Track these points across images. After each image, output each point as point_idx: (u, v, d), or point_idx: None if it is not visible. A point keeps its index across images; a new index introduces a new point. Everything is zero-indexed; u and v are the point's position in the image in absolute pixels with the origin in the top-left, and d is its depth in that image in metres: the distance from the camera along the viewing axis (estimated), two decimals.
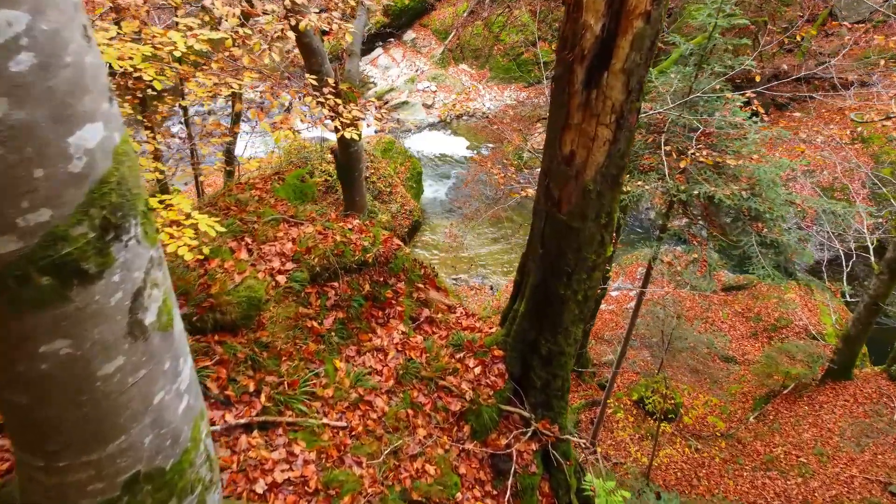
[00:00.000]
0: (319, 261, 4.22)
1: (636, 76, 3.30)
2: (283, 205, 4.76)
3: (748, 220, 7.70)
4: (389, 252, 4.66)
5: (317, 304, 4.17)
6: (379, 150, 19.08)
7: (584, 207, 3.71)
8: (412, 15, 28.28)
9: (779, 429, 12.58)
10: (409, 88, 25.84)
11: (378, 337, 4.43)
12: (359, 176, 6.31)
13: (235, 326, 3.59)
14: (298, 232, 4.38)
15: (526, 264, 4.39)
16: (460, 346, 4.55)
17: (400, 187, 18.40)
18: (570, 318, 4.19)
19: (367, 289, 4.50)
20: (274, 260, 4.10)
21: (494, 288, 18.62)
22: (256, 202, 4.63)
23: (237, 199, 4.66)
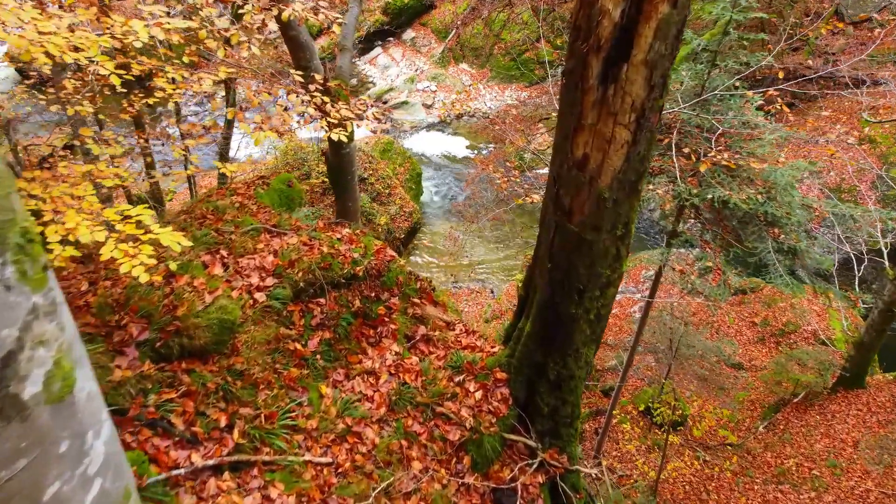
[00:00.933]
0: (304, 275, 3.82)
1: (660, 69, 2.90)
2: (265, 213, 4.35)
3: (764, 226, 7.29)
4: (382, 264, 4.25)
5: (300, 323, 3.76)
6: (378, 150, 18.68)
7: (599, 217, 3.30)
8: (412, 14, 27.91)
9: (790, 439, 12.17)
10: (408, 88, 25.46)
11: (369, 358, 4.03)
12: (351, 179, 5.90)
13: (206, 352, 3.18)
14: (281, 243, 3.97)
15: (532, 279, 3.98)
16: (460, 368, 4.15)
17: (399, 189, 18.01)
18: (582, 339, 3.78)
19: (358, 305, 4.09)
20: (252, 275, 3.69)
21: (495, 291, 18.26)
22: (236, 210, 4.22)
23: (215, 206, 4.25)
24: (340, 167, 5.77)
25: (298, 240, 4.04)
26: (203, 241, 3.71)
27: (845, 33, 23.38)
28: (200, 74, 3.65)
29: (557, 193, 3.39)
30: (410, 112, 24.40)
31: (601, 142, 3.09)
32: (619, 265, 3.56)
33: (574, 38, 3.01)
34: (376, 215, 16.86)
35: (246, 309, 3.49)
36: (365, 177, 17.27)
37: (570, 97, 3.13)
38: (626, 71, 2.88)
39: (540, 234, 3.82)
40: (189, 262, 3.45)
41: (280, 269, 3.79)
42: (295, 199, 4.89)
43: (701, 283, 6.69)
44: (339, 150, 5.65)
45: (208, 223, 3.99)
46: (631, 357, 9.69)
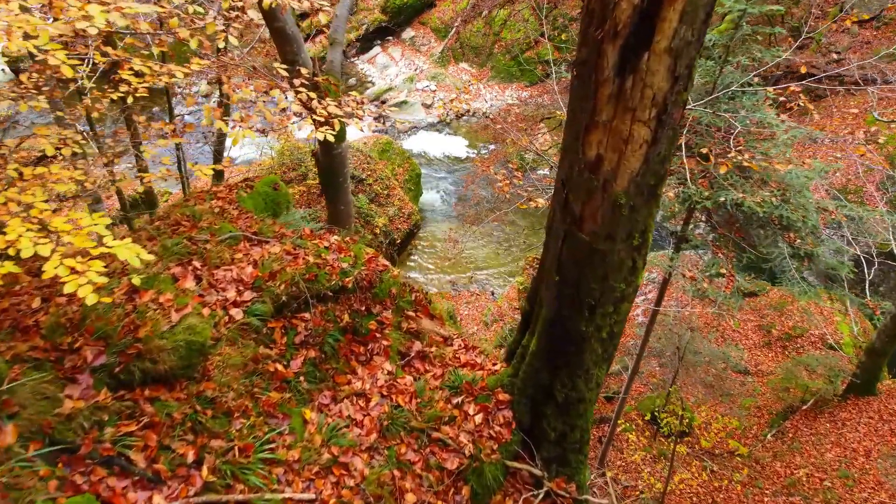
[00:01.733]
0: (286, 288, 3.47)
1: (685, 58, 2.54)
2: (247, 218, 4.00)
3: (779, 230, 6.93)
4: (374, 274, 3.90)
5: (282, 341, 3.41)
6: (376, 150, 18.35)
7: (613, 226, 2.95)
8: (411, 12, 27.59)
9: (799, 448, 11.82)
10: (407, 88, 25.14)
11: (358, 379, 3.67)
12: (343, 182, 5.55)
13: (172, 377, 2.83)
14: (262, 252, 3.62)
15: (537, 292, 3.63)
16: (458, 389, 3.79)
17: (398, 189, 17.68)
18: (593, 358, 3.43)
19: (346, 320, 3.74)
20: (229, 288, 3.34)
21: (496, 294, 17.93)
22: (214, 215, 3.87)
23: (192, 211, 3.90)
24: (331, 168, 5.41)
25: (281, 248, 3.69)
26: (174, 251, 3.36)
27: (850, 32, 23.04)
28: (170, 67, 3.31)
29: (566, 199, 3.04)
30: (410, 112, 24.10)
31: (617, 141, 2.73)
32: (634, 278, 3.21)
33: (587, 23, 2.66)
34: (374, 217, 16.54)
35: (220, 327, 3.14)
36: (363, 177, 16.96)
37: (581, 91, 2.78)
38: (647, 60, 2.52)
39: (546, 243, 3.47)
40: (156, 276, 3.10)
41: (260, 282, 3.44)
42: (281, 203, 4.53)
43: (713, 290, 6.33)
44: (330, 150, 5.30)
45: (182, 230, 3.63)
46: (636, 365, 9.35)
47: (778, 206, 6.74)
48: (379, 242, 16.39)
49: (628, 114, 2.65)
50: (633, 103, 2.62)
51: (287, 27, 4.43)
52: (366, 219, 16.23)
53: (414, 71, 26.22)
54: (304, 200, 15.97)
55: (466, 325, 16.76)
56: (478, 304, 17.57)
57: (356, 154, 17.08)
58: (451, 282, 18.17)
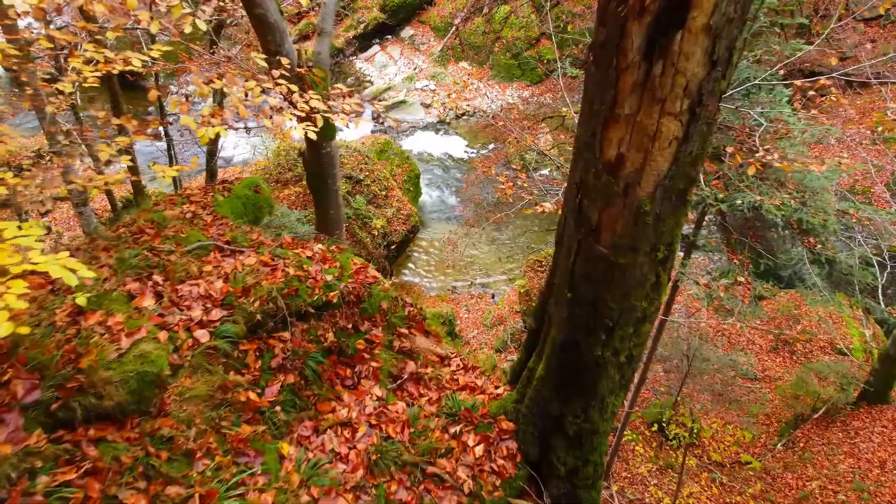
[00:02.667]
0: (262, 304, 3.06)
1: (726, 38, 2.14)
2: (221, 225, 3.60)
3: (798, 235, 6.53)
4: (362, 287, 3.49)
5: (256, 366, 3.00)
6: (374, 150, 17.97)
7: (636, 236, 2.54)
8: (410, 11, 27.25)
9: (811, 459, 11.41)
10: (407, 87, 24.77)
11: (344, 406, 3.27)
12: (333, 184, 5.14)
13: (121, 414, 2.42)
14: (235, 264, 3.21)
15: (545, 309, 3.22)
16: (456, 416, 3.38)
17: (396, 190, 17.30)
18: (609, 386, 3.02)
19: (331, 339, 3.33)
20: (194, 306, 2.93)
21: (496, 296, 17.57)
22: (183, 222, 3.46)
23: (161, 217, 3.49)
24: (320, 170, 5.01)
25: (258, 259, 3.28)
26: (131, 263, 2.96)
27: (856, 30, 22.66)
28: (126, 54, 2.91)
29: (580, 205, 2.63)
30: (409, 111, 23.76)
31: (642, 138, 2.32)
32: (657, 296, 2.80)
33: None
34: (372, 218, 16.17)
35: (182, 351, 2.73)
36: (361, 178, 16.60)
37: (600, 80, 2.37)
38: (680, 41, 2.11)
39: (556, 256, 3.06)
40: (107, 294, 2.69)
41: (231, 298, 3.03)
42: (263, 208, 4.13)
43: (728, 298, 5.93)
44: (318, 149, 4.89)
45: (144, 239, 3.23)
46: (644, 375, 8.95)
47: (797, 209, 6.34)
48: (377, 244, 16.02)
49: (656, 106, 2.25)
50: (661, 93, 2.21)
51: (269, 15, 4.03)
52: (363, 220, 15.87)
53: (413, 70, 25.88)
54: (301, 202, 15.58)
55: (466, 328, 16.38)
56: (478, 308, 17.20)
57: (354, 154, 16.72)
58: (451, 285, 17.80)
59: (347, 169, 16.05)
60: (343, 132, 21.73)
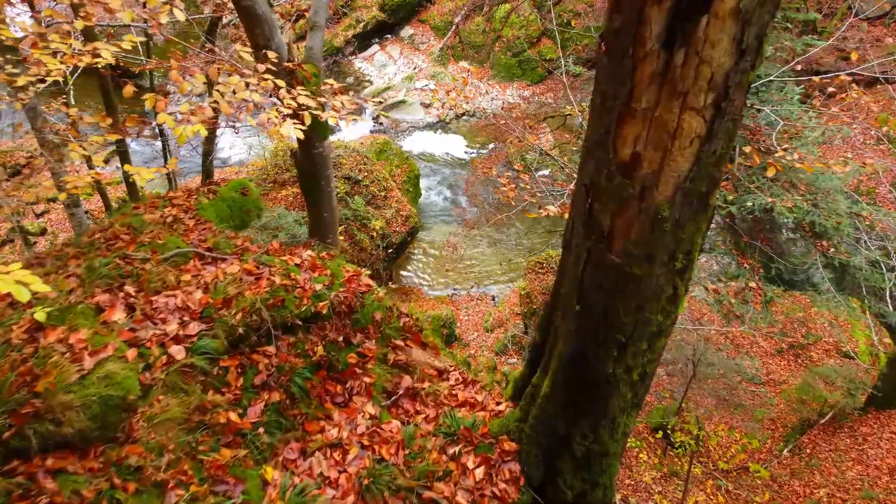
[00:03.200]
0: (244, 317, 2.82)
1: (756, 24, 1.91)
2: (203, 230, 3.37)
3: (811, 238, 6.29)
4: (354, 297, 3.26)
5: (237, 383, 2.77)
6: (373, 151, 17.75)
7: (652, 244, 2.30)
8: (410, 10, 27.04)
9: (818, 465, 11.17)
10: (406, 87, 24.57)
11: (334, 425, 3.03)
12: (326, 185, 4.90)
13: (83, 441, 2.19)
14: (216, 273, 2.98)
15: (551, 321, 2.98)
16: (455, 436, 3.15)
17: (396, 191, 17.08)
18: (620, 405, 2.78)
19: (320, 353, 3.10)
20: (170, 320, 2.69)
21: (497, 298, 17.37)
22: (161, 227, 3.23)
23: (140, 221, 3.26)
24: (312, 170, 4.78)
25: (241, 267, 3.05)
26: (101, 272, 2.72)
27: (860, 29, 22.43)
28: (95, 45, 2.68)
29: (591, 209, 2.40)
30: (408, 111, 23.58)
31: (660, 135, 2.09)
32: (674, 308, 2.57)
33: None
34: (371, 219, 15.96)
35: (155, 370, 2.49)
36: (359, 179, 16.39)
37: (614, 71, 2.13)
38: (706, 27, 1.88)
39: (563, 264, 2.83)
40: (71, 307, 2.45)
41: (210, 310, 2.80)
42: (251, 211, 3.90)
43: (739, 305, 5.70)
44: (310, 149, 4.66)
45: (117, 246, 2.99)
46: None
47: (809, 211, 6.10)
48: (376, 246, 15.81)
49: (677, 99, 2.01)
50: (683, 85, 1.98)
51: (257, 7, 3.79)
52: (362, 221, 15.66)
53: (413, 70, 25.69)
54: (299, 203, 15.34)
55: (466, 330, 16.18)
56: (478, 310, 17.01)
57: (352, 154, 16.52)
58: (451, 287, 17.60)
59: (346, 169, 15.83)
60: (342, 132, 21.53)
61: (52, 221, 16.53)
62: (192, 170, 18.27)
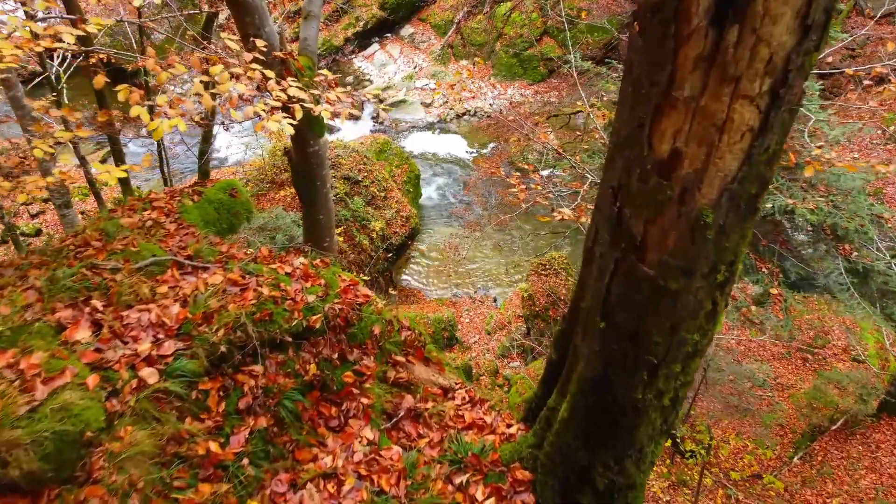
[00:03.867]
0: (227, 333, 2.52)
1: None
2: (186, 235, 3.07)
3: (832, 242, 5.99)
4: (350, 309, 2.96)
5: (219, 409, 2.47)
6: (373, 150, 17.47)
7: (692, 255, 2.00)
8: (410, 8, 26.77)
9: (830, 474, 10.87)
10: (406, 86, 24.30)
11: (328, 453, 2.73)
12: (322, 186, 4.59)
13: (36, 483, 1.88)
14: (197, 283, 2.68)
15: (569, 337, 2.68)
16: (462, 463, 2.84)
17: (396, 191, 16.80)
18: (648, 433, 2.48)
19: (313, 372, 2.80)
20: (142, 338, 2.39)
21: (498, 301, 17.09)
22: (138, 232, 2.93)
23: (117, 226, 2.96)
24: (307, 170, 4.48)
25: (225, 277, 2.75)
26: (65, 285, 2.42)
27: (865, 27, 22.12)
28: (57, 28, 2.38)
29: (620, 215, 2.09)
30: (409, 111, 23.33)
31: (706, 128, 1.79)
32: (712, 326, 2.26)
33: None
34: (371, 220, 15.68)
35: (123, 395, 2.19)
36: (359, 179, 16.13)
37: (651, 55, 1.83)
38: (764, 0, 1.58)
39: (583, 276, 2.53)
40: (27, 326, 2.15)
41: (189, 327, 2.50)
42: (240, 214, 3.60)
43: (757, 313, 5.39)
44: (305, 147, 4.35)
45: (86, 255, 2.70)
46: None
47: (830, 213, 5.80)
48: (376, 247, 15.53)
49: (727, 86, 1.71)
50: (736, 69, 1.68)
51: None
52: (362, 222, 15.39)
53: (413, 69, 25.44)
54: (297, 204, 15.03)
55: (468, 333, 15.90)
56: (479, 312, 16.73)
57: (352, 154, 16.26)
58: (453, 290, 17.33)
59: (345, 169, 15.57)
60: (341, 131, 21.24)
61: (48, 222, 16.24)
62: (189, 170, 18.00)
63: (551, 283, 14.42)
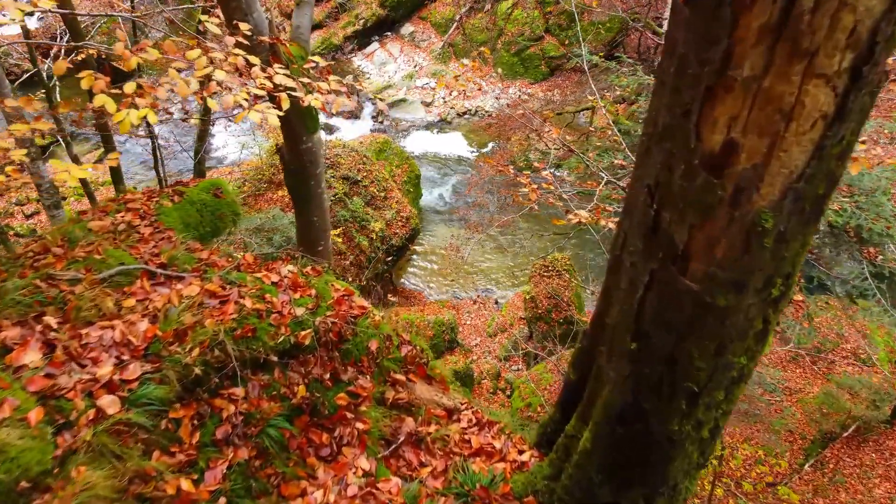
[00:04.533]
0: (203, 352, 2.21)
1: None
2: (162, 240, 2.76)
3: (855, 244, 5.68)
4: (344, 322, 2.64)
5: (192, 440, 2.15)
6: (373, 150, 17.18)
7: (745, 266, 1.69)
8: (410, 7, 26.51)
9: (843, 482, 10.56)
10: (407, 85, 24.03)
11: (318, 486, 2.41)
12: (316, 186, 4.27)
13: None
14: (170, 295, 2.36)
15: (591, 356, 2.36)
16: (469, 497, 2.53)
17: (396, 192, 16.51)
18: (684, 467, 2.17)
19: (302, 394, 2.48)
20: (103, 360, 2.08)
21: (500, 302, 16.81)
22: (108, 237, 2.62)
23: (81, 230, 2.65)
24: (300, 168, 4.16)
25: (202, 288, 2.44)
26: (14, 299, 2.12)
27: None
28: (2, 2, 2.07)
29: (657, 219, 1.78)
30: (409, 110, 23.08)
31: (769, 115, 1.48)
32: (761, 347, 1.95)
33: None
34: (370, 221, 15.40)
35: (78, 428, 1.88)
36: (359, 179, 15.86)
37: (700, 28, 1.52)
38: None
39: (608, 288, 2.22)
40: None
41: (158, 346, 2.18)
42: (226, 216, 3.29)
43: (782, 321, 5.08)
44: (298, 144, 4.04)
45: (44, 263, 2.39)
46: None
47: (853, 214, 5.49)
48: (375, 248, 15.24)
49: (798, 62, 1.40)
50: (811, 41, 1.37)
51: None
52: (361, 223, 15.11)
53: (413, 68, 25.19)
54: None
55: (469, 335, 15.63)
56: (481, 314, 16.45)
57: (351, 154, 15.99)
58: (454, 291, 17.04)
59: (344, 169, 15.30)
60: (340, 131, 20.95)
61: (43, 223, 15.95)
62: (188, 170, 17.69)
63: (554, 284, 14.15)
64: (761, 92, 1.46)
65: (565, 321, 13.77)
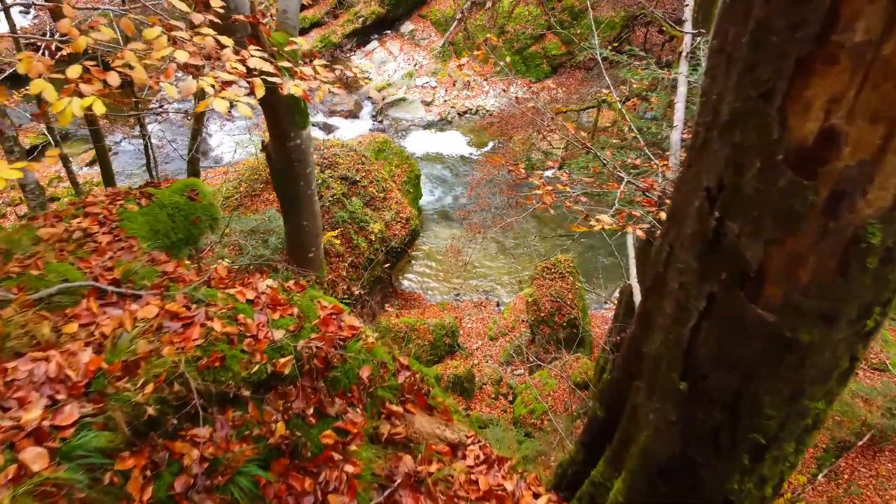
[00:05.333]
0: (157, 388, 1.83)
1: None
2: (121, 250, 2.38)
3: None
4: (332, 347, 2.26)
5: (144, 496, 1.77)
6: (372, 150, 16.85)
7: (840, 292, 1.31)
8: (410, 5, 26.25)
9: (858, 493, 10.20)
10: (406, 84, 23.72)
11: None
12: (306, 187, 3.87)
13: None
14: (122, 318, 1.98)
15: (623, 392, 1.98)
16: None
17: (395, 192, 16.18)
18: None
19: (280, 433, 2.11)
20: (33, 399, 1.70)
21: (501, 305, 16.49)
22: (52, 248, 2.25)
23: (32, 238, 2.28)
24: (288, 167, 3.77)
25: (162, 309, 2.06)
26: None
27: None
28: None
29: (721, 230, 1.40)
30: (409, 109, 22.78)
31: (890, 94, 1.10)
32: (841, 388, 1.57)
33: None
34: (369, 222, 15.06)
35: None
36: (357, 179, 15.54)
37: None
38: None
39: (647, 312, 1.83)
40: None
41: (103, 382, 1.80)
42: (202, 221, 2.91)
43: None
44: (285, 141, 3.65)
45: None
46: None
47: None
48: (375, 250, 14.89)
49: None
50: None
51: None
52: (360, 224, 14.77)
53: (413, 66, 24.89)
54: None
55: (470, 339, 15.29)
56: (482, 317, 16.13)
57: (350, 153, 15.68)
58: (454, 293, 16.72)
59: (343, 169, 14.98)
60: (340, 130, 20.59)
61: None
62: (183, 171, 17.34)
63: (557, 287, 13.85)
64: (878, 63, 1.08)
65: (569, 324, 13.47)
